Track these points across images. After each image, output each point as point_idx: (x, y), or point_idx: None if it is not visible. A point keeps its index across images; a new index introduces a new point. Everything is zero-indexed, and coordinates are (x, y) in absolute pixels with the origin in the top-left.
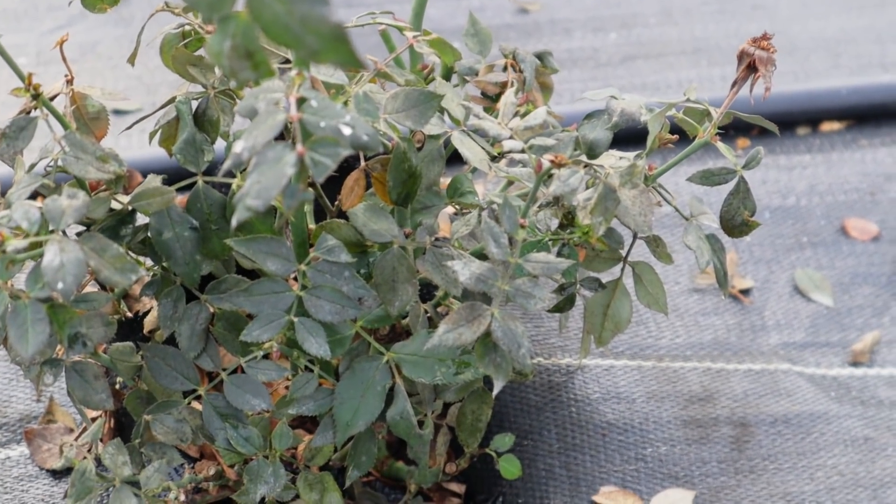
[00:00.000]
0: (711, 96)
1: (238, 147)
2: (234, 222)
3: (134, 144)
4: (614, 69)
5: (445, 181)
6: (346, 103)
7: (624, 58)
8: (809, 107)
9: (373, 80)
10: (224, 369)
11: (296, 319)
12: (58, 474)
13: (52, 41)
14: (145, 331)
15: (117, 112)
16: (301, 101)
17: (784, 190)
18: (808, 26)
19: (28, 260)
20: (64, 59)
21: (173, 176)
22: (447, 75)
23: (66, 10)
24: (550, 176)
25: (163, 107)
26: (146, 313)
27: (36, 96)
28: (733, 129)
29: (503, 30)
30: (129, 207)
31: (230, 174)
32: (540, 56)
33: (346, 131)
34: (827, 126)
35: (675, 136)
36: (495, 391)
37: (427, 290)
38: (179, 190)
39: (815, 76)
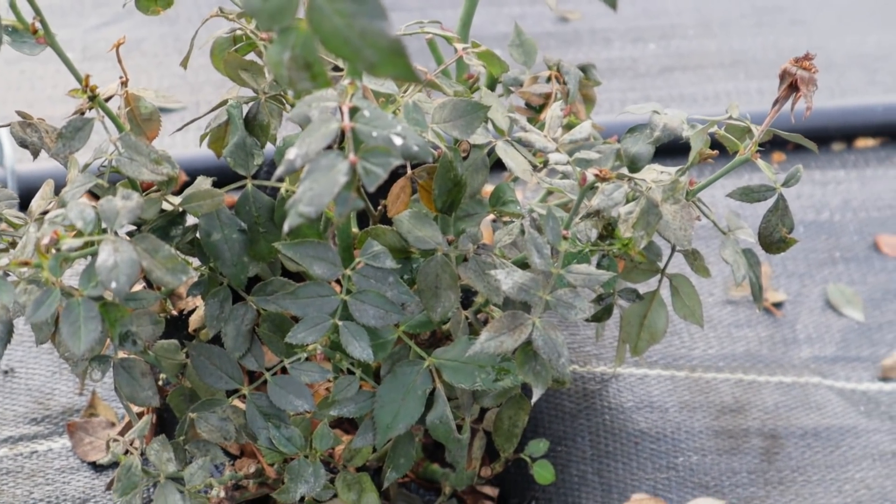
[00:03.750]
0: (749, 109)
1: (291, 154)
2: (286, 227)
3: (178, 143)
4: (653, 80)
5: (487, 189)
6: (395, 112)
7: (662, 69)
8: (845, 123)
9: (420, 89)
10: (267, 369)
11: (340, 323)
12: (98, 467)
13: (97, 37)
14: (190, 329)
15: (163, 110)
16: (354, 111)
17: (818, 205)
18: (845, 42)
19: (80, 258)
20: (120, 61)
21: (214, 175)
22: (492, 85)
23: (112, 6)
24: (594, 188)
25: (213, 109)
26: (191, 312)
27: (92, 97)
28: (769, 144)
29: (543, 38)
30: (180, 209)
31: (279, 178)
32: (583, 68)
33: (398, 141)
34: (862, 142)
35: (716, 152)
36: (534, 398)
37: (467, 297)
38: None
39: (851, 92)
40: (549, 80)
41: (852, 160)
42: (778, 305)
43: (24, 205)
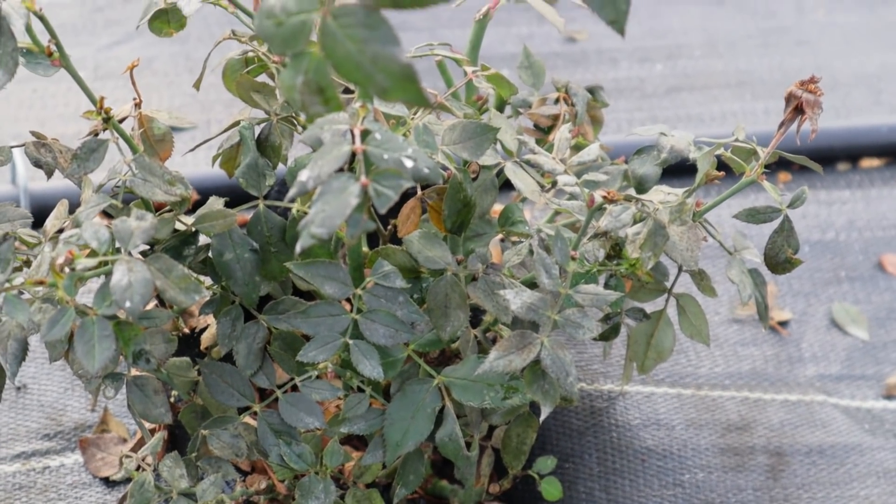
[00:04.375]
0: (755, 130)
1: (303, 176)
2: (298, 248)
3: (189, 162)
4: (659, 100)
5: (496, 209)
6: (406, 135)
7: (669, 89)
8: (850, 143)
9: (430, 111)
10: (279, 387)
11: (351, 342)
12: (111, 483)
13: (109, 56)
14: (202, 347)
15: (174, 129)
16: (365, 134)
17: (823, 225)
18: (850, 62)
19: (94, 277)
20: (133, 82)
21: (225, 194)
22: (501, 106)
23: (123, 25)
24: (602, 210)
25: (225, 130)
26: (203, 330)
27: (107, 119)
28: (775, 164)
29: (551, 58)
30: (193, 229)
31: (291, 199)
32: (591, 90)
33: (409, 164)
34: (867, 162)
35: (722, 173)
36: (542, 416)
37: (476, 315)
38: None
39: (856, 112)
40: (557, 101)
41: (857, 180)
42: (783, 324)
43: (37, 223)
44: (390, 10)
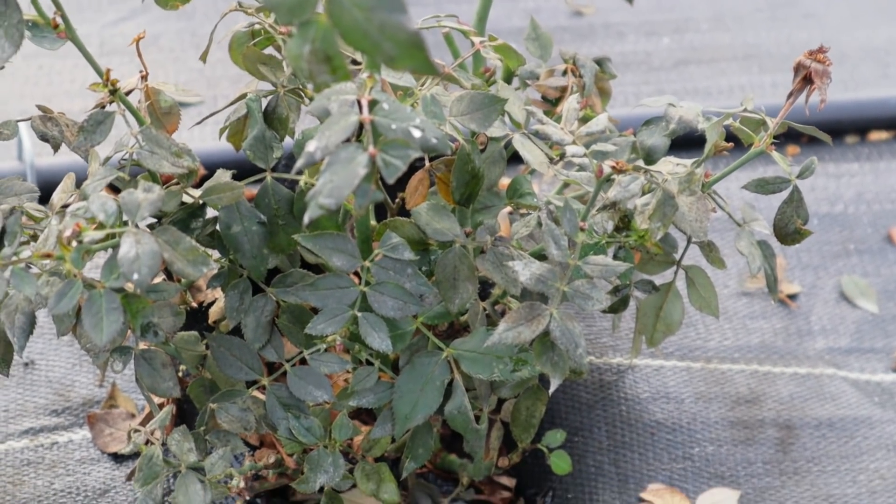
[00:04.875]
0: (763, 103)
1: (311, 146)
2: (305, 220)
3: (196, 137)
4: (667, 73)
5: (504, 182)
6: (413, 106)
7: (676, 62)
8: (858, 116)
9: (437, 82)
10: (287, 360)
11: (359, 314)
12: (118, 458)
13: (114, 32)
14: (210, 321)
15: (181, 104)
16: (373, 104)
17: (832, 197)
18: (857, 35)
19: (101, 250)
20: (139, 55)
21: (232, 168)
22: (508, 78)
23: (129, 2)
24: (610, 181)
25: (232, 103)
26: (211, 304)
27: (113, 91)
28: (784, 136)
29: (558, 32)
30: (200, 201)
31: (298, 171)
32: (599, 62)
33: (416, 134)
34: (875, 135)
35: (731, 144)
36: (552, 389)
37: (484, 288)
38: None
39: (864, 85)
40: (564, 73)
41: (866, 153)
42: (792, 297)
43: (43, 199)
44: None
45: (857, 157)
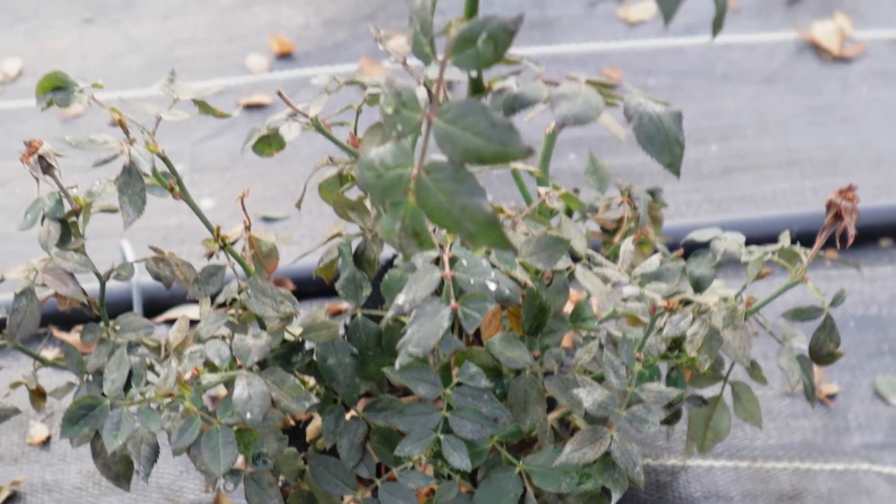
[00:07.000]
0: (804, 210)
1: (400, 300)
2: (397, 365)
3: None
4: (715, 181)
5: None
6: (488, 253)
7: (724, 170)
8: (892, 220)
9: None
10: (378, 476)
11: (442, 437)
12: None
13: (203, 149)
14: (307, 438)
15: (267, 219)
16: (453, 261)
17: (867, 300)
18: (892, 138)
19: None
20: (244, 208)
21: (309, 279)
22: (569, 210)
23: (214, 120)
24: (662, 314)
25: (324, 243)
26: (307, 422)
27: (223, 246)
28: (824, 244)
29: (609, 142)
30: (300, 339)
31: (392, 318)
32: (652, 192)
33: (492, 286)
34: None
35: (771, 271)
36: (613, 502)
37: (550, 401)
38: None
39: None
40: (620, 204)
41: None
42: (831, 397)
43: (147, 312)
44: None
45: (891, 260)
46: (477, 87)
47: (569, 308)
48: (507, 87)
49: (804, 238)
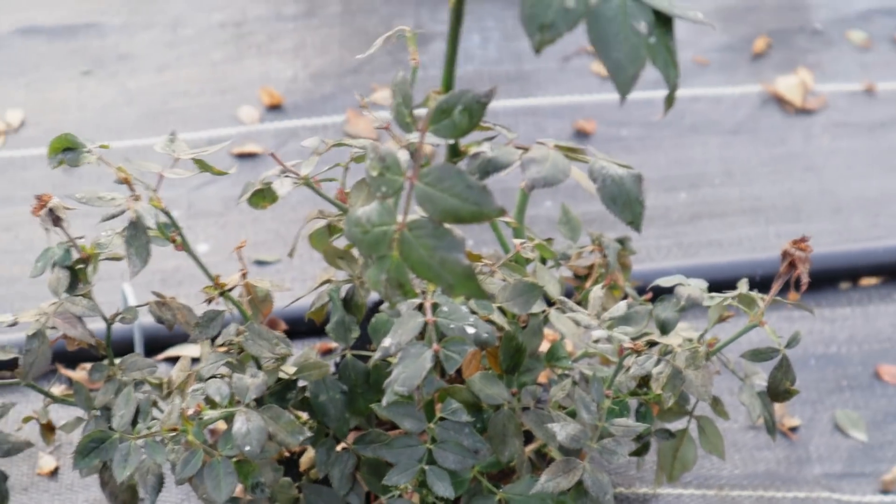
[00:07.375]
0: (768, 255)
1: (386, 342)
2: (384, 402)
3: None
4: (683, 227)
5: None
6: (467, 299)
7: (692, 216)
8: (849, 264)
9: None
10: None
11: (427, 468)
12: None
13: (199, 196)
14: (301, 469)
15: (260, 263)
16: (435, 307)
17: (827, 339)
18: (851, 186)
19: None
20: (241, 258)
21: (301, 319)
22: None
23: None
24: (630, 356)
25: (315, 289)
26: (301, 454)
27: (222, 293)
28: (784, 287)
29: (584, 190)
30: (294, 378)
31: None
32: (621, 241)
33: (471, 330)
34: (865, 281)
35: (732, 314)
36: None
37: (527, 433)
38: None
39: (856, 234)
40: (591, 252)
41: (857, 297)
42: (793, 429)
43: (147, 350)
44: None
45: (849, 301)
46: (454, 152)
47: (545, 347)
48: (482, 152)
49: (768, 280)
